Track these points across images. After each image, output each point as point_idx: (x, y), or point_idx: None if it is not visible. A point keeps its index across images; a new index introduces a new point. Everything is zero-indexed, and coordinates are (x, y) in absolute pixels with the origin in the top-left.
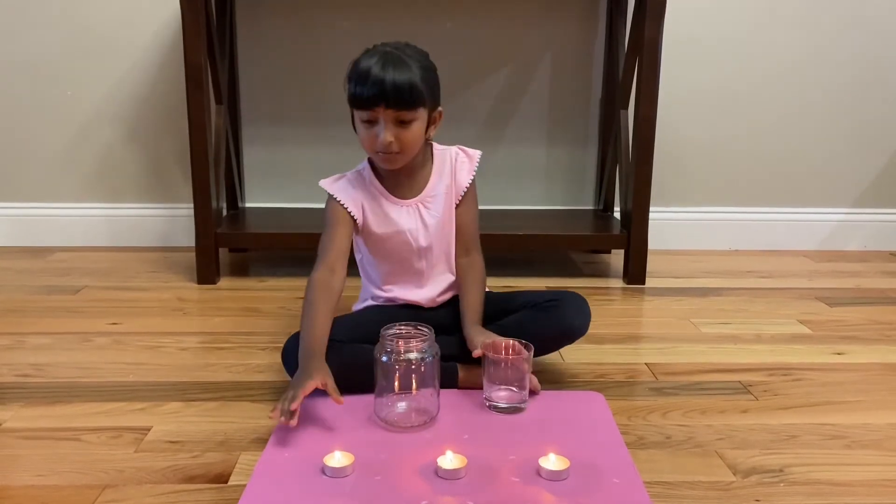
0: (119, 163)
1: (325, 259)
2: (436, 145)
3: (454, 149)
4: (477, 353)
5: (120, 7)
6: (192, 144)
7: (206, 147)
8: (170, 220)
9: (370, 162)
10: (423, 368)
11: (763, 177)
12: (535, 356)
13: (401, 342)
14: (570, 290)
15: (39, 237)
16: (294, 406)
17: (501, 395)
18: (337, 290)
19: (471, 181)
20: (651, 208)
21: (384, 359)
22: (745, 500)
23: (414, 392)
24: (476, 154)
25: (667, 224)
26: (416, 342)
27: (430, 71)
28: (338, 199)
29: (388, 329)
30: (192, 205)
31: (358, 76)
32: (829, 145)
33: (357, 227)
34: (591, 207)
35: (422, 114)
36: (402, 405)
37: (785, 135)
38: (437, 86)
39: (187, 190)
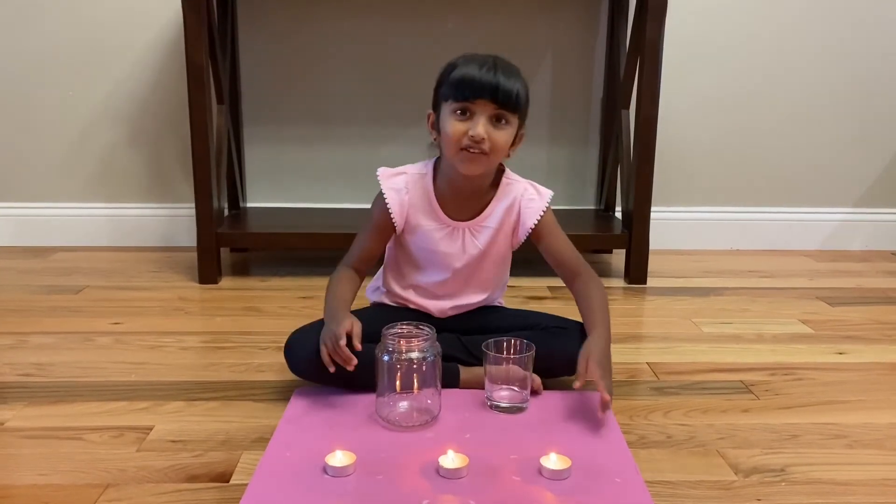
0: (121, 163)
1: (352, 262)
2: (508, 174)
3: (525, 183)
4: (576, 384)
5: (122, 7)
6: (194, 144)
7: (207, 147)
8: (171, 220)
9: (434, 168)
10: (424, 368)
11: (764, 176)
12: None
13: (402, 341)
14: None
15: (41, 237)
16: (344, 352)
17: (503, 395)
18: (359, 280)
19: (536, 222)
20: (652, 208)
21: (385, 358)
22: (746, 500)
23: (415, 391)
24: (547, 194)
25: (668, 224)
26: (418, 341)
27: (527, 87)
28: (387, 202)
29: (389, 328)
30: (193, 205)
31: (465, 70)
32: (831, 145)
33: (395, 231)
34: (592, 207)
35: (515, 122)
36: (403, 404)
37: (786, 134)
38: (529, 104)
39: (189, 190)
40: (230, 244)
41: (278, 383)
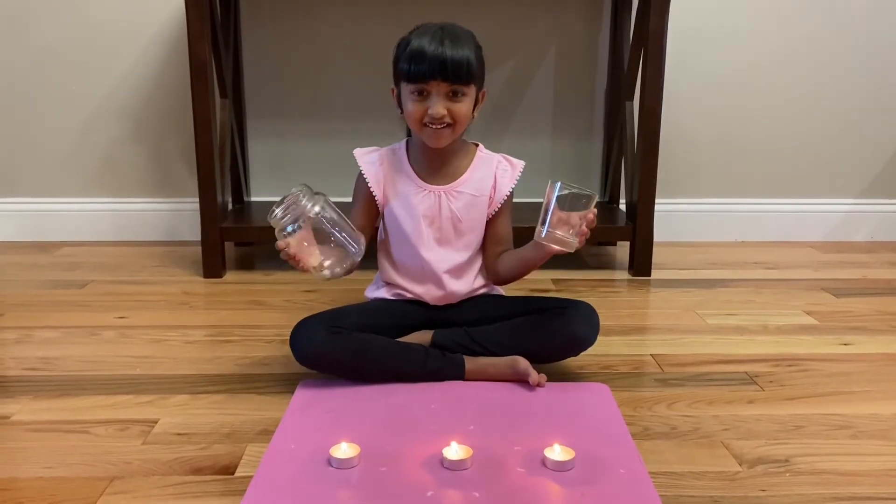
0: (125, 157)
1: None
2: (482, 147)
3: (498, 156)
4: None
5: (124, 3)
6: (198, 139)
7: (211, 141)
8: (176, 214)
9: (407, 143)
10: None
11: (769, 168)
12: (539, 363)
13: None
14: (576, 281)
15: (46, 232)
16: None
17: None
18: None
19: (511, 189)
20: (656, 200)
21: (290, 229)
22: (750, 490)
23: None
24: (519, 164)
25: (672, 216)
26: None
27: (480, 50)
28: (363, 174)
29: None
30: (197, 199)
31: (414, 49)
32: (836, 136)
33: (380, 205)
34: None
35: (472, 91)
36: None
37: (791, 126)
38: (484, 66)
39: (193, 184)
40: (234, 238)
41: (283, 376)
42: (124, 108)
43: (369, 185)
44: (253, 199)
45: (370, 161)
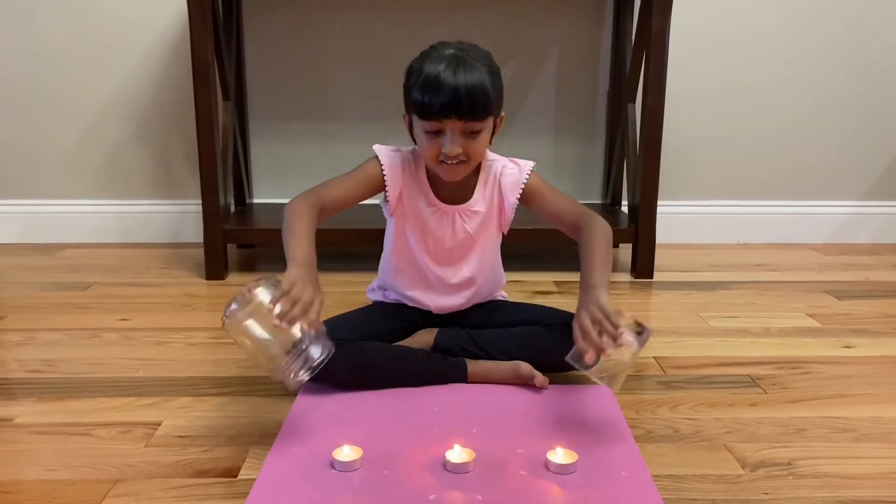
0: (127, 159)
1: (321, 199)
2: (487, 155)
3: (503, 160)
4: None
5: (127, 4)
6: (200, 141)
7: (213, 143)
8: (178, 216)
9: None
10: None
11: (771, 170)
12: (540, 370)
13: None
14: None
15: (49, 234)
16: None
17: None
18: (317, 223)
19: (519, 195)
20: (659, 202)
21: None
22: (753, 494)
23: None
24: (527, 165)
25: (675, 218)
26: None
27: (497, 76)
28: (383, 170)
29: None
30: (200, 201)
31: (426, 84)
32: (838, 138)
33: (389, 207)
34: (598, 201)
35: (489, 123)
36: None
37: (793, 127)
38: (502, 91)
39: (195, 186)
40: (237, 240)
41: None
42: (127, 111)
43: (386, 183)
44: (255, 200)
45: (393, 163)
